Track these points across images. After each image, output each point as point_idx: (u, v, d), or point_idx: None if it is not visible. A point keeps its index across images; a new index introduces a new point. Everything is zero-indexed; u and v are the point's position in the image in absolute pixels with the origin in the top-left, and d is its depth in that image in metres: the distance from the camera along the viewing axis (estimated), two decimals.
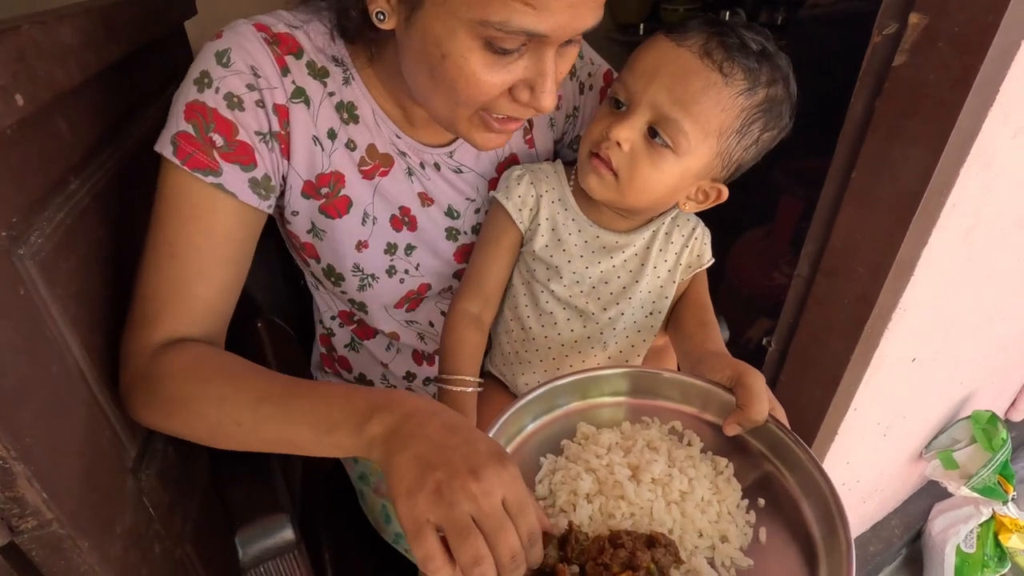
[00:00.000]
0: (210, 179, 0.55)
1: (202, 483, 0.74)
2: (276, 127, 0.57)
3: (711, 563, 0.49)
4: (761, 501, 0.54)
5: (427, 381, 0.80)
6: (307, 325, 0.89)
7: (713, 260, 0.73)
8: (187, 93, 0.54)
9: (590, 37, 0.57)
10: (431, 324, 0.77)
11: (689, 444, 0.59)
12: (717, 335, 0.69)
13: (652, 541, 0.47)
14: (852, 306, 0.78)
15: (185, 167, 0.54)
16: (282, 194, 0.62)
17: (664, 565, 0.46)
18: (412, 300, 0.73)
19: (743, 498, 0.54)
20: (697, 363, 0.63)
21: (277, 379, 0.52)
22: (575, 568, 0.46)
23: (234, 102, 0.54)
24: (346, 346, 0.80)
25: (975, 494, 1.24)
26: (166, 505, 0.64)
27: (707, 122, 0.58)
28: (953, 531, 1.33)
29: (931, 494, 1.43)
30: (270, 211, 0.61)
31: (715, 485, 0.54)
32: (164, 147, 0.55)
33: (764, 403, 0.56)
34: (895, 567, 1.41)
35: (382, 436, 0.45)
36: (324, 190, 0.62)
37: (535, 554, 0.44)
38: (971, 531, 1.32)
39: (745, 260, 1.41)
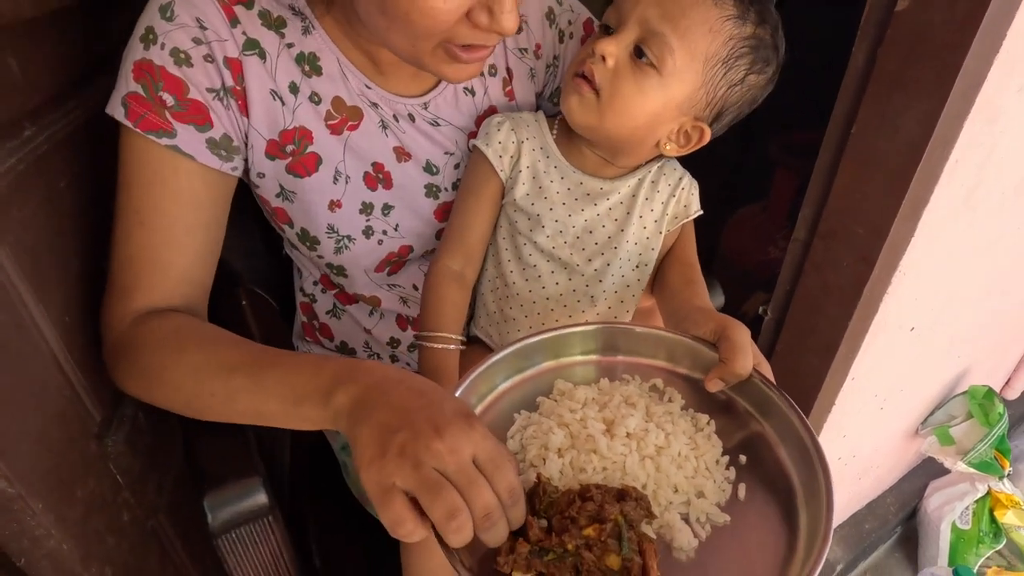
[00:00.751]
0: (164, 141, 0.52)
1: (178, 454, 0.71)
2: (230, 82, 0.54)
3: (686, 519, 0.47)
4: (743, 458, 0.52)
5: (412, 347, 0.77)
6: (289, 295, 0.86)
7: (701, 211, 0.70)
8: (134, 51, 0.52)
9: None
10: (415, 287, 0.74)
11: (670, 401, 0.56)
12: (704, 292, 0.67)
13: (623, 495, 0.45)
14: (851, 269, 0.76)
15: (138, 129, 0.52)
16: (246, 156, 0.59)
17: (634, 519, 0.44)
18: (394, 263, 0.70)
19: (724, 455, 0.52)
20: (682, 320, 0.60)
21: (250, 349, 0.51)
22: (543, 522, 0.44)
23: (181, 58, 0.52)
24: (328, 312, 0.77)
25: (971, 470, 1.23)
26: (136, 473, 0.61)
27: (694, 42, 0.56)
28: (948, 508, 1.32)
29: (927, 472, 1.42)
30: (236, 174, 0.58)
31: (693, 441, 0.52)
32: (115, 109, 0.52)
33: (748, 356, 0.54)
34: (890, 545, 1.41)
35: (347, 407, 0.44)
36: (289, 147, 0.59)
37: (517, 513, 0.42)
38: (967, 508, 1.31)
39: (740, 235, 1.39)
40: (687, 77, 0.58)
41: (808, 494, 0.48)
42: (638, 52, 0.58)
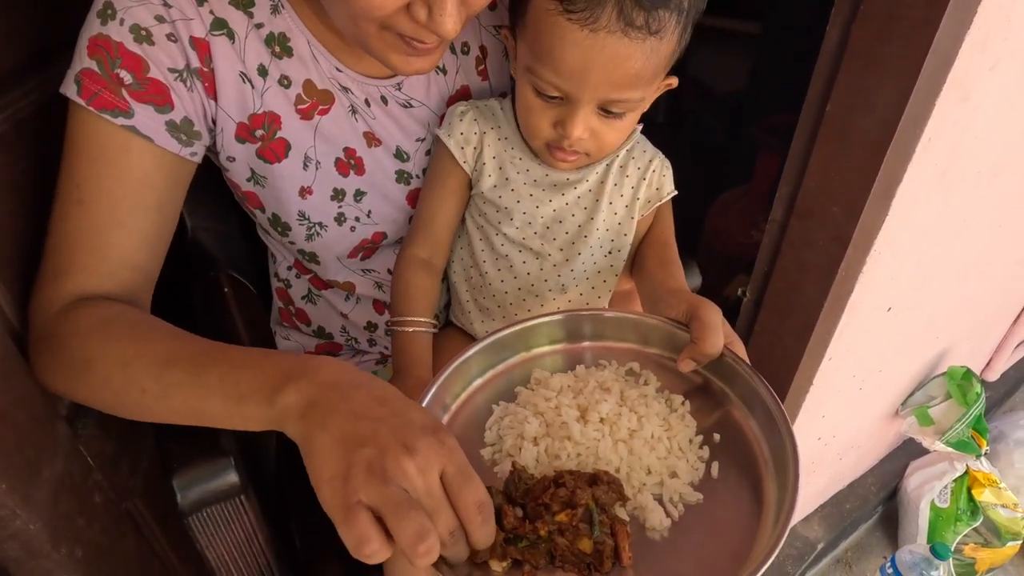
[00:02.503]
0: (120, 121, 0.50)
1: (152, 437, 0.71)
2: (196, 63, 0.53)
3: (659, 500, 0.48)
4: (716, 436, 0.52)
5: (389, 332, 0.77)
6: (266, 281, 0.86)
7: (675, 192, 0.70)
8: (90, 27, 0.50)
9: None
10: (389, 272, 0.73)
11: (646, 384, 0.57)
12: (679, 273, 0.67)
13: (595, 479, 0.46)
14: (827, 248, 0.76)
15: (91, 107, 0.50)
16: (214, 140, 0.57)
17: (606, 503, 0.44)
18: (367, 249, 0.70)
19: (698, 435, 0.52)
20: (656, 302, 0.61)
21: (191, 342, 0.47)
22: (519, 511, 0.44)
23: (142, 35, 0.50)
24: (303, 298, 0.77)
25: (949, 449, 1.25)
26: (108, 455, 0.61)
27: (654, 75, 0.56)
28: (928, 487, 1.34)
29: (907, 452, 1.44)
30: (195, 159, 0.56)
31: (667, 422, 0.53)
32: (68, 87, 0.50)
33: (719, 336, 0.54)
34: (871, 524, 1.43)
35: (297, 408, 0.40)
36: (259, 132, 0.58)
37: (486, 532, 0.40)
38: (945, 487, 1.33)
39: (724, 219, 1.39)
40: (655, 85, 0.59)
41: (776, 466, 0.48)
42: (605, 109, 0.57)
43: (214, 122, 0.56)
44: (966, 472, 1.32)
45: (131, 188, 0.52)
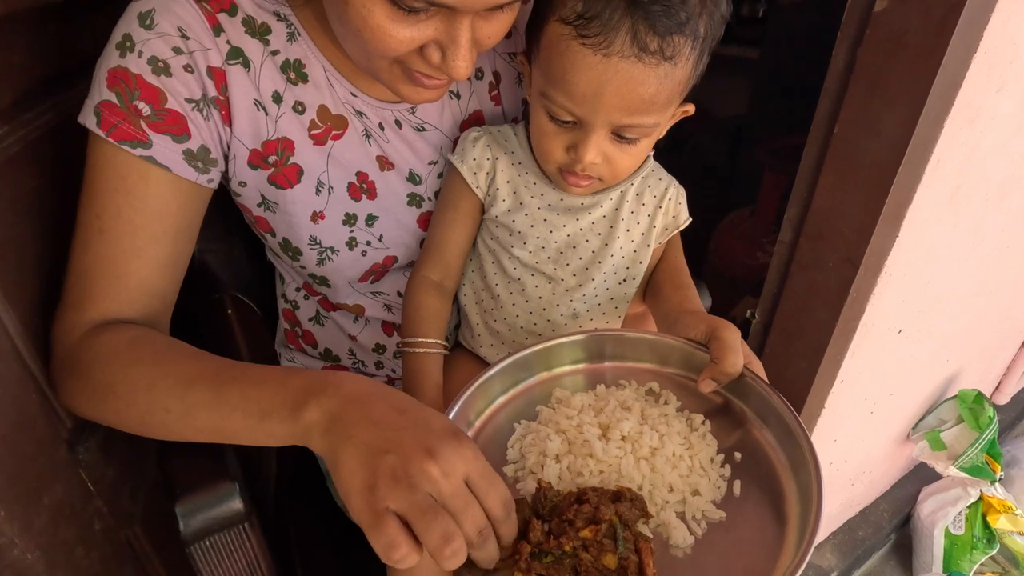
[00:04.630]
0: (139, 151, 0.51)
1: (154, 461, 0.69)
2: (212, 92, 0.53)
3: (682, 517, 0.47)
4: (737, 455, 0.52)
5: (397, 354, 0.76)
6: (271, 302, 0.85)
7: (690, 220, 0.69)
8: (109, 59, 0.51)
9: None
10: (399, 294, 0.73)
11: (666, 403, 0.56)
12: (694, 296, 0.66)
13: (618, 496, 0.46)
14: (837, 269, 0.76)
15: (111, 139, 0.50)
16: (227, 166, 0.58)
17: (629, 519, 0.44)
18: (377, 273, 0.70)
19: (719, 453, 0.52)
20: (673, 324, 0.60)
21: (210, 361, 0.49)
22: (545, 527, 0.44)
23: (159, 67, 0.51)
24: (311, 319, 0.76)
25: (963, 474, 1.22)
26: (109, 481, 0.59)
27: (668, 101, 0.55)
28: (941, 513, 1.31)
29: (919, 478, 1.41)
30: (212, 186, 0.57)
31: (688, 441, 0.52)
32: (87, 118, 0.51)
33: (738, 355, 0.54)
34: (885, 552, 1.39)
35: (321, 423, 0.41)
36: (272, 158, 0.58)
37: (509, 527, 0.41)
38: (959, 513, 1.30)
39: (729, 240, 1.39)
40: (670, 112, 0.58)
41: (799, 484, 0.48)
42: (618, 134, 0.56)
43: (228, 148, 0.56)
44: (980, 498, 1.30)
45: (150, 217, 0.53)
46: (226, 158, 0.57)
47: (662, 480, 0.49)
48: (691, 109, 0.61)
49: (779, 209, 1.34)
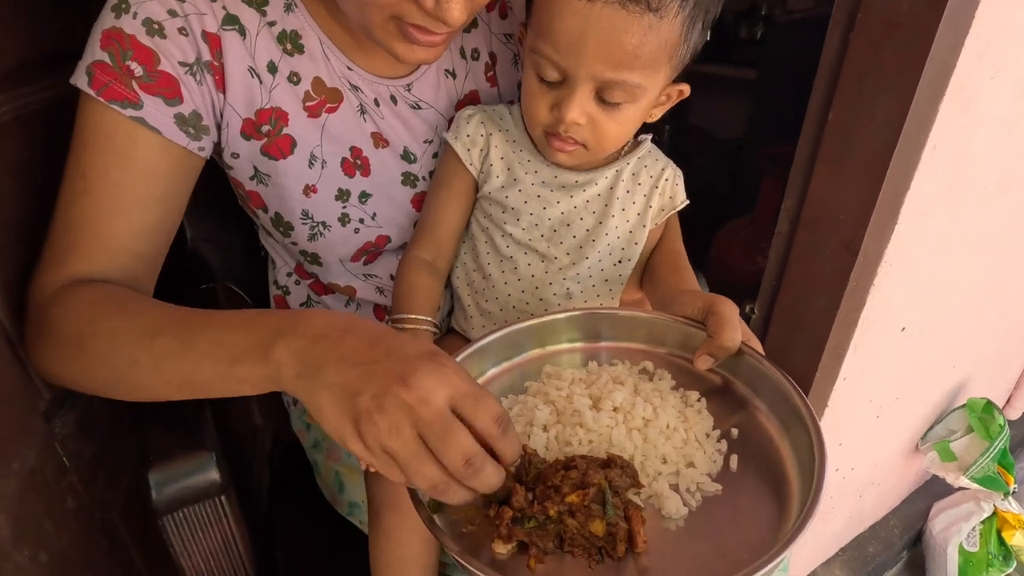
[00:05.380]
0: (129, 112, 0.51)
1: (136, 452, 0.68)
2: (207, 56, 0.53)
3: (675, 489, 0.45)
4: (734, 431, 0.50)
5: None
6: (264, 295, 0.84)
7: (687, 202, 0.69)
8: (104, 21, 0.51)
9: None
10: (391, 277, 0.72)
11: (660, 380, 0.54)
12: (691, 278, 0.65)
13: (608, 463, 0.44)
14: (836, 256, 0.75)
15: (101, 98, 0.50)
16: (220, 135, 0.58)
17: (619, 486, 0.42)
18: (370, 253, 0.69)
19: (715, 429, 0.50)
20: (670, 303, 0.59)
21: (176, 311, 0.47)
22: (529, 495, 0.42)
23: (154, 28, 0.51)
24: (302, 305, 0.75)
25: (975, 485, 1.18)
26: (86, 459, 0.57)
27: (654, 62, 0.53)
28: (955, 529, 1.26)
29: (930, 493, 1.37)
30: (203, 155, 0.56)
31: (683, 415, 0.50)
32: (79, 78, 0.51)
33: (736, 329, 0.52)
34: (897, 570, 1.34)
35: (292, 365, 0.39)
36: (265, 127, 0.58)
37: (510, 442, 0.39)
38: (973, 529, 1.25)
39: (728, 248, 1.38)
40: (657, 82, 0.56)
41: (799, 457, 0.46)
42: (602, 97, 0.55)
43: (221, 116, 0.56)
44: (994, 513, 1.25)
45: (137, 178, 0.52)
46: (219, 127, 0.57)
47: (655, 451, 0.47)
48: (686, 90, 0.61)
49: (776, 216, 1.34)
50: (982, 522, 1.25)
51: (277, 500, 0.84)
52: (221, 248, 0.85)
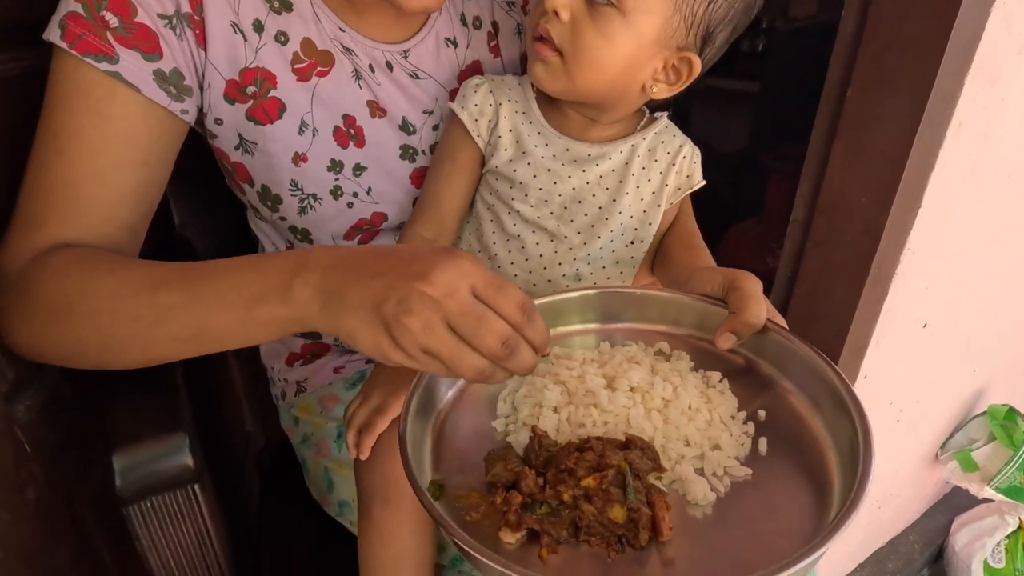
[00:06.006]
0: (104, 66, 0.47)
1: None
2: (186, 8, 0.50)
3: (700, 474, 0.41)
4: (761, 413, 0.45)
5: None
6: None
7: (704, 183, 0.65)
8: None
9: None
10: None
11: (678, 360, 0.50)
12: (707, 256, 0.61)
13: (627, 445, 0.39)
14: (856, 244, 0.71)
15: (74, 51, 0.47)
16: (203, 98, 0.54)
17: (640, 469, 0.38)
18: (365, 231, 0.65)
19: (740, 411, 0.46)
20: (687, 281, 0.55)
21: (172, 264, 0.44)
22: (540, 479, 0.38)
23: None
24: None
25: (1000, 496, 1.13)
26: (50, 448, 0.53)
27: None
28: (979, 544, 1.21)
29: (951, 507, 1.31)
30: (186, 119, 0.53)
31: (706, 395, 0.46)
32: (51, 32, 0.47)
33: (760, 304, 0.48)
34: None
35: (315, 299, 0.38)
36: (250, 88, 0.54)
37: (538, 329, 0.38)
38: (998, 544, 1.20)
39: (737, 249, 1.35)
40: (654, 6, 0.51)
41: (837, 443, 0.42)
42: None
43: (202, 75, 0.53)
44: (1020, 527, 1.19)
45: (114, 140, 0.49)
46: (201, 88, 0.53)
47: (677, 433, 0.42)
48: (695, 63, 0.56)
49: (785, 212, 1.32)
50: (1007, 536, 1.19)
51: (266, 502, 0.79)
52: (210, 233, 0.81)
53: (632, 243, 0.63)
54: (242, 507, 0.80)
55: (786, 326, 0.51)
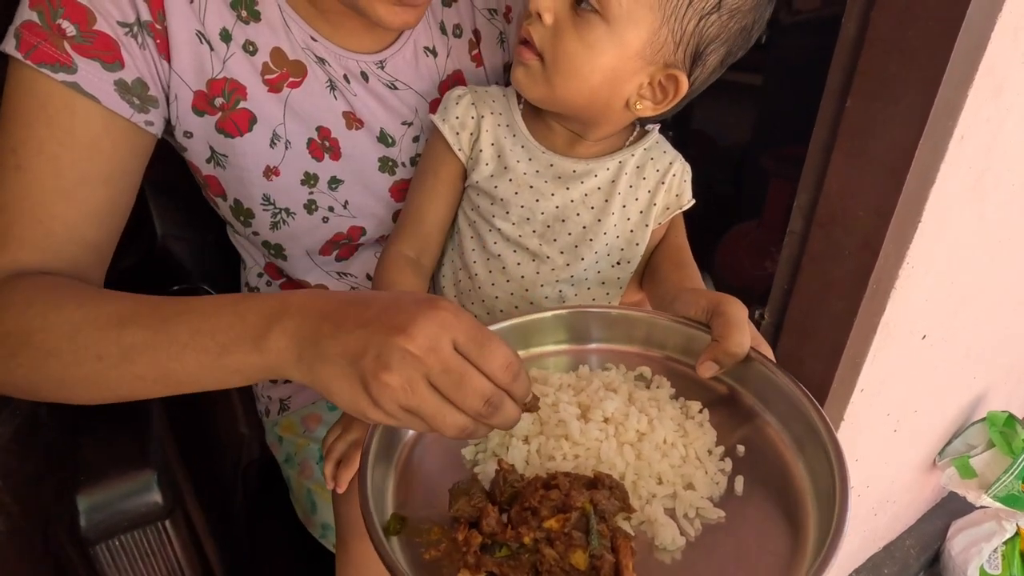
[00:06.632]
0: (61, 76, 0.45)
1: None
2: (147, 16, 0.48)
3: (671, 515, 0.39)
4: (740, 448, 0.44)
5: None
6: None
7: (693, 201, 0.63)
8: None
9: None
10: (368, 277, 0.66)
11: (658, 388, 0.49)
12: (696, 276, 0.59)
13: (595, 483, 0.38)
14: (854, 258, 0.69)
15: (29, 62, 0.45)
16: (170, 110, 0.52)
17: (607, 510, 0.37)
18: (343, 247, 0.63)
19: (719, 446, 0.44)
20: (672, 302, 0.53)
21: (146, 300, 0.42)
22: (503, 517, 0.37)
23: None
24: None
25: (998, 504, 1.11)
26: (25, 475, 0.52)
27: None
28: (975, 550, 1.20)
29: (947, 511, 1.30)
30: (153, 131, 0.51)
31: (682, 428, 0.45)
32: (7, 43, 0.46)
33: (744, 333, 0.46)
34: None
35: (291, 349, 0.37)
36: (219, 100, 0.53)
37: (521, 386, 0.37)
38: (995, 550, 1.19)
39: (735, 252, 1.33)
40: (640, 16, 0.49)
41: (816, 483, 0.40)
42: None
43: (167, 87, 0.51)
44: (1018, 533, 1.18)
45: (79, 154, 0.47)
46: (167, 99, 0.51)
47: (649, 469, 0.41)
48: (682, 81, 0.52)
49: (786, 219, 1.29)
50: (1004, 543, 1.18)
51: (253, 517, 0.78)
52: (193, 246, 0.80)
53: (618, 263, 0.61)
54: (233, 517, 0.79)
55: (771, 355, 0.49)
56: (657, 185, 0.60)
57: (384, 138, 0.60)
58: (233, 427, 0.89)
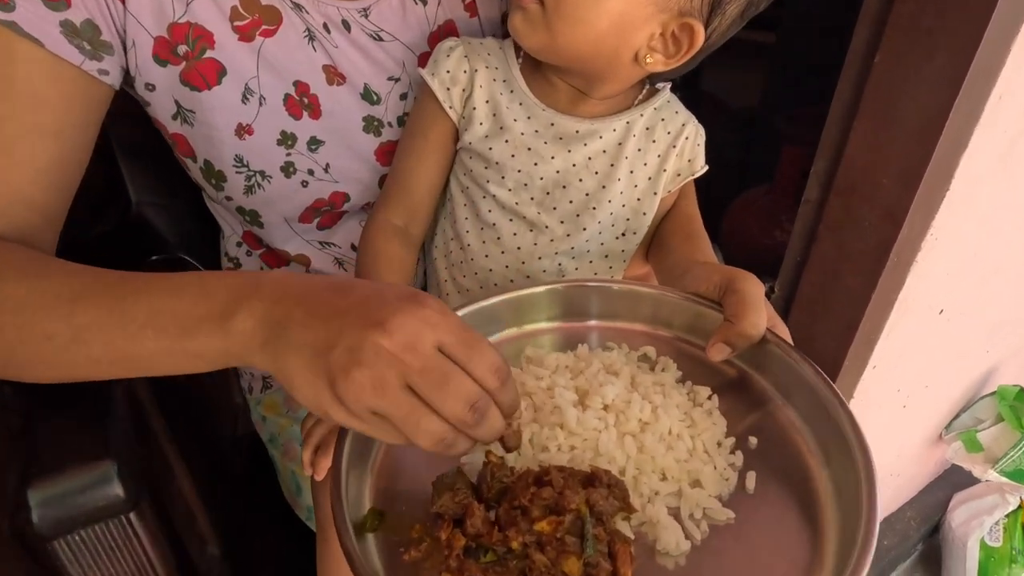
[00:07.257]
0: None
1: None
2: None
3: (675, 515, 0.36)
4: (753, 440, 0.41)
5: None
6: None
7: (707, 167, 0.58)
8: None
9: None
10: (353, 247, 0.62)
11: (663, 371, 0.45)
12: (707, 247, 0.55)
13: (591, 479, 0.35)
14: (875, 228, 0.64)
15: None
16: (127, 59, 0.47)
17: (604, 511, 0.33)
18: (324, 214, 0.59)
19: (729, 437, 0.41)
20: (681, 276, 0.49)
21: (99, 273, 0.38)
22: (490, 515, 0.34)
23: None
24: None
25: (1003, 478, 1.10)
26: None
27: None
28: (976, 523, 1.19)
29: (950, 483, 1.29)
30: (108, 81, 0.46)
31: (689, 417, 0.41)
32: None
33: (760, 313, 0.43)
34: (911, 564, 1.27)
35: (257, 333, 0.33)
36: (182, 48, 0.47)
37: (509, 393, 0.33)
38: (996, 523, 1.18)
39: (745, 220, 1.28)
40: None
41: (836, 483, 0.37)
42: None
43: (123, 32, 0.46)
44: (1020, 506, 1.17)
45: (19, 105, 0.42)
46: (124, 46, 0.46)
47: (652, 464, 0.38)
48: (698, 30, 0.47)
49: (798, 185, 1.24)
50: (1007, 516, 1.17)
51: (247, 489, 0.76)
52: (171, 213, 0.75)
53: (623, 234, 0.57)
54: (227, 486, 0.78)
55: (789, 337, 0.45)
56: (668, 149, 0.55)
57: (368, 95, 0.55)
58: (227, 396, 0.86)
